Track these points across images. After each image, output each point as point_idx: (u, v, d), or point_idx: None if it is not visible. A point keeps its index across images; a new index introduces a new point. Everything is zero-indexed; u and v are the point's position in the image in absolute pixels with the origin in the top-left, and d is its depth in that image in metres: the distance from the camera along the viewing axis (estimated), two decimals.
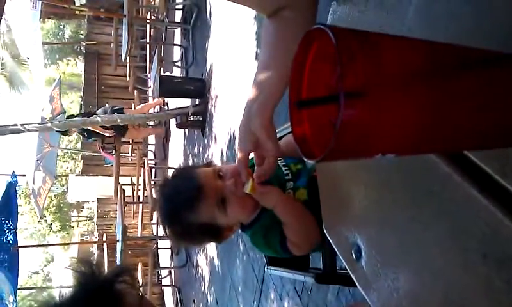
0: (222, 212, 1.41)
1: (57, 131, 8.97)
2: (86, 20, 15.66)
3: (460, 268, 0.67)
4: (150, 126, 10.77)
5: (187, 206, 1.41)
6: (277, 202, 1.38)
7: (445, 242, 0.70)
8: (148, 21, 10.66)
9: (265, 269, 1.78)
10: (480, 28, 0.65)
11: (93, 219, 20.40)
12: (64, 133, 9.24)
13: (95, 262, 0.93)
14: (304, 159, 0.54)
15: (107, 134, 9.04)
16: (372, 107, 0.47)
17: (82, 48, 17.50)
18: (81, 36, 21.11)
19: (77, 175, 19.19)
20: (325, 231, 1.12)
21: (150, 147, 13.23)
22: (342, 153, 0.50)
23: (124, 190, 9.97)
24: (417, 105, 0.49)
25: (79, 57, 24.00)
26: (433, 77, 0.50)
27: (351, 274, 0.98)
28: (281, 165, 1.51)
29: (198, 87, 7.72)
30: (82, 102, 14.47)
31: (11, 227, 9.55)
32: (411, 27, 0.78)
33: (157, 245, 10.68)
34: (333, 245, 1.08)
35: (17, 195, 10.77)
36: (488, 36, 0.64)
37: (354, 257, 0.95)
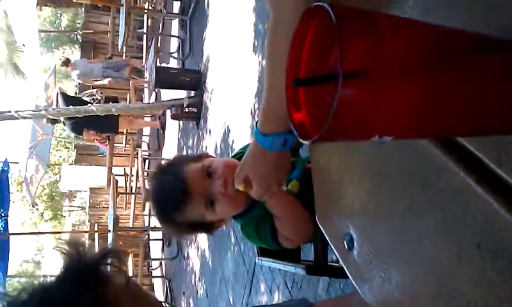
0: (211, 211, 1.41)
1: (47, 120, 8.96)
2: (83, 9, 15.58)
3: (454, 258, 0.66)
4: (146, 119, 10.78)
5: (174, 208, 1.42)
6: (269, 196, 1.38)
7: (439, 231, 0.70)
8: (145, 11, 10.62)
9: (256, 260, 1.77)
10: (479, 15, 0.65)
11: (85, 208, 20.35)
12: (53, 121, 9.21)
13: (82, 243, 0.92)
14: (300, 141, 0.53)
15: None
16: (370, 88, 0.46)
17: (78, 37, 17.43)
18: (78, 25, 21.02)
19: (70, 164, 19.15)
20: (317, 220, 1.11)
21: (144, 138, 13.21)
22: (338, 134, 0.49)
23: (117, 181, 9.96)
24: (417, 89, 0.48)
25: (76, 46, 23.91)
26: (435, 60, 0.49)
27: (342, 264, 0.97)
28: None
29: (194, 79, 7.72)
30: (77, 91, 14.40)
31: (2, 214, 9.55)
32: (411, 15, 0.77)
33: (148, 237, 10.68)
34: (325, 235, 1.07)
35: (9, 182, 10.74)
36: (489, 24, 0.63)
37: (346, 247, 0.95)
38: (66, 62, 10.58)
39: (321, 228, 1.09)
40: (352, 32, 0.46)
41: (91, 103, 8.64)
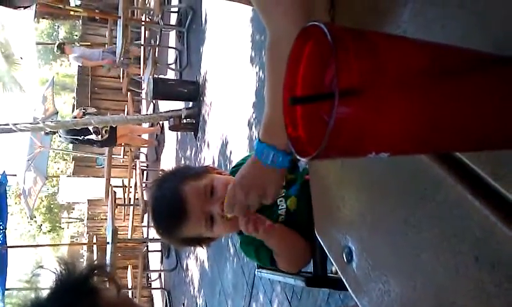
0: (209, 230, 1.42)
1: (46, 133, 9.05)
2: (80, 21, 15.60)
3: (452, 271, 0.67)
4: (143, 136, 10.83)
5: (173, 225, 1.43)
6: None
7: (437, 244, 0.70)
8: (143, 23, 10.64)
9: (256, 272, 1.77)
10: (475, 31, 0.65)
11: (83, 220, 20.28)
12: (53, 132, 9.27)
13: (70, 260, 0.93)
14: (298, 157, 0.53)
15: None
16: (366, 106, 0.46)
17: None
18: (75, 37, 21.03)
19: (68, 176, 19.09)
20: (316, 233, 1.11)
21: (142, 149, 13.20)
22: (335, 151, 0.49)
23: (115, 192, 9.93)
24: (412, 105, 0.49)
25: None
26: (429, 77, 0.50)
27: (341, 277, 0.97)
28: None
29: (191, 90, 7.72)
30: (75, 103, 14.39)
31: (1, 227, 9.51)
32: (406, 30, 0.78)
33: (147, 248, 10.64)
34: (324, 248, 1.07)
35: (7, 195, 10.71)
36: (482, 39, 0.64)
37: (345, 260, 0.95)
38: (62, 46, 10.70)
39: (320, 241, 1.10)
40: (348, 50, 0.46)
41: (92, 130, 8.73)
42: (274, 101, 1.08)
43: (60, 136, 9.17)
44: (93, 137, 8.70)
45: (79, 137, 8.67)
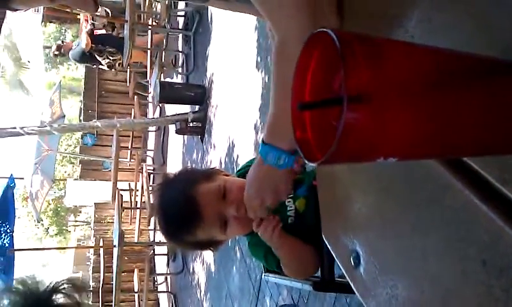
0: (222, 232, 1.41)
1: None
2: None
3: (459, 276, 0.67)
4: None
5: (186, 229, 1.41)
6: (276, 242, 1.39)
7: (445, 249, 0.70)
8: (149, 27, 10.67)
9: (263, 276, 1.77)
10: (481, 37, 0.66)
11: (90, 223, 20.31)
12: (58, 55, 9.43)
13: (31, 278, 0.94)
14: (306, 162, 0.54)
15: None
16: (374, 111, 0.47)
17: None
18: None
19: (75, 179, 19.14)
20: (324, 237, 1.11)
21: (148, 153, 13.22)
22: (344, 156, 0.50)
23: (122, 196, 9.94)
24: (420, 111, 0.49)
25: None
26: (437, 83, 0.50)
27: (349, 281, 0.97)
28: None
29: (198, 94, 7.74)
30: (82, 107, 14.43)
31: (8, 230, 9.54)
32: (414, 35, 0.78)
33: (153, 252, 10.64)
34: (331, 252, 1.07)
35: (15, 198, 10.75)
36: (489, 44, 0.64)
37: (352, 264, 0.95)
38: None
39: (327, 245, 1.10)
40: (356, 56, 0.47)
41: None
42: (278, 101, 1.08)
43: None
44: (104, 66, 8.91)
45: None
